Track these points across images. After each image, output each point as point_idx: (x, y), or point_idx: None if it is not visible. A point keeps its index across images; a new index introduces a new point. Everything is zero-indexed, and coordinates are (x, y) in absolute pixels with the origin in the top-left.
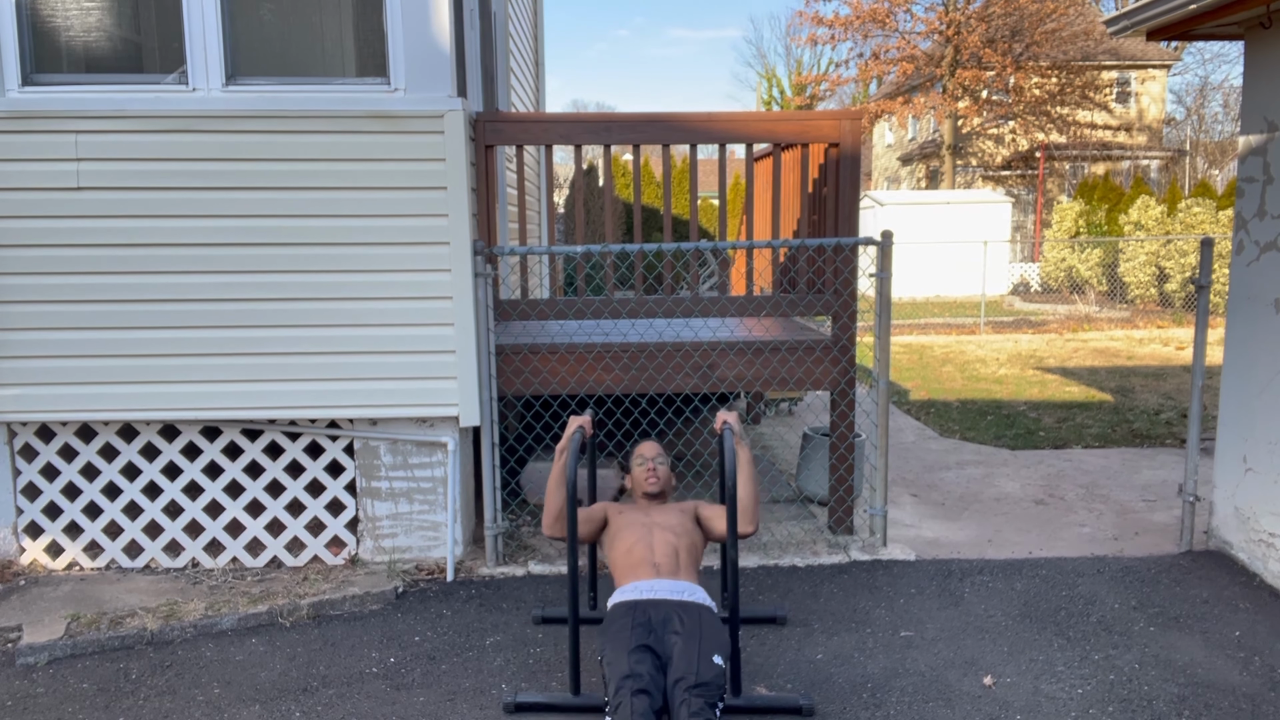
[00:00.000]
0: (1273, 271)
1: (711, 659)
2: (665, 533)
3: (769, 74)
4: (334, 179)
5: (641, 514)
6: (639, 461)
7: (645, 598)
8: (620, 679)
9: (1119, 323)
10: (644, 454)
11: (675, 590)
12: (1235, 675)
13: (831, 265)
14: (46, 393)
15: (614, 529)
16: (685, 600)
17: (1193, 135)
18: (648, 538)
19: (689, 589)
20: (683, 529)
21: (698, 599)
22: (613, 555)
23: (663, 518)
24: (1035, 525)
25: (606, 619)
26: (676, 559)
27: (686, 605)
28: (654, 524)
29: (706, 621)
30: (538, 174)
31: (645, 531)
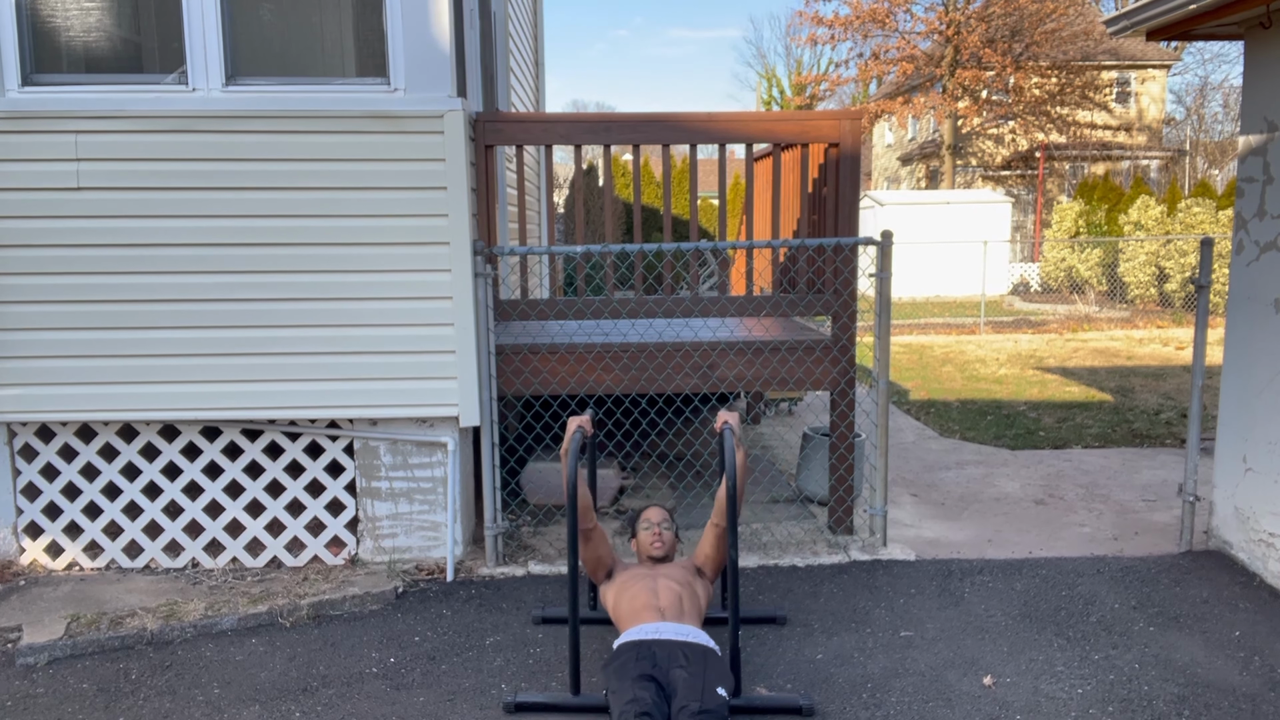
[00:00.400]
0: (1273, 271)
1: (715, 690)
2: (669, 582)
3: (769, 74)
4: (334, 179)
5: (647, 569)
6: (645, 526)
7: (651, 638)
8: (624, 704)
9: (1119, 323)
10: (650, 519)
11: (680, 632)
12: (1235, 675)
13: (831, 265)
14: (46, 393)
15: (619, 581)
16: (690, 641)
17: (1193, 135)
18: (652, 585)
19: (693, 632)
20: (685, 580)
21: (702, 640)
22: (617, 606)
23: (667, 571)
24: (1035, 525)
25: (611, 657)
26: (681, 605)
27: (691, 645)
28: (658, 575)
29: (711, 659)
30: (538, 174)
31: (650, 581)
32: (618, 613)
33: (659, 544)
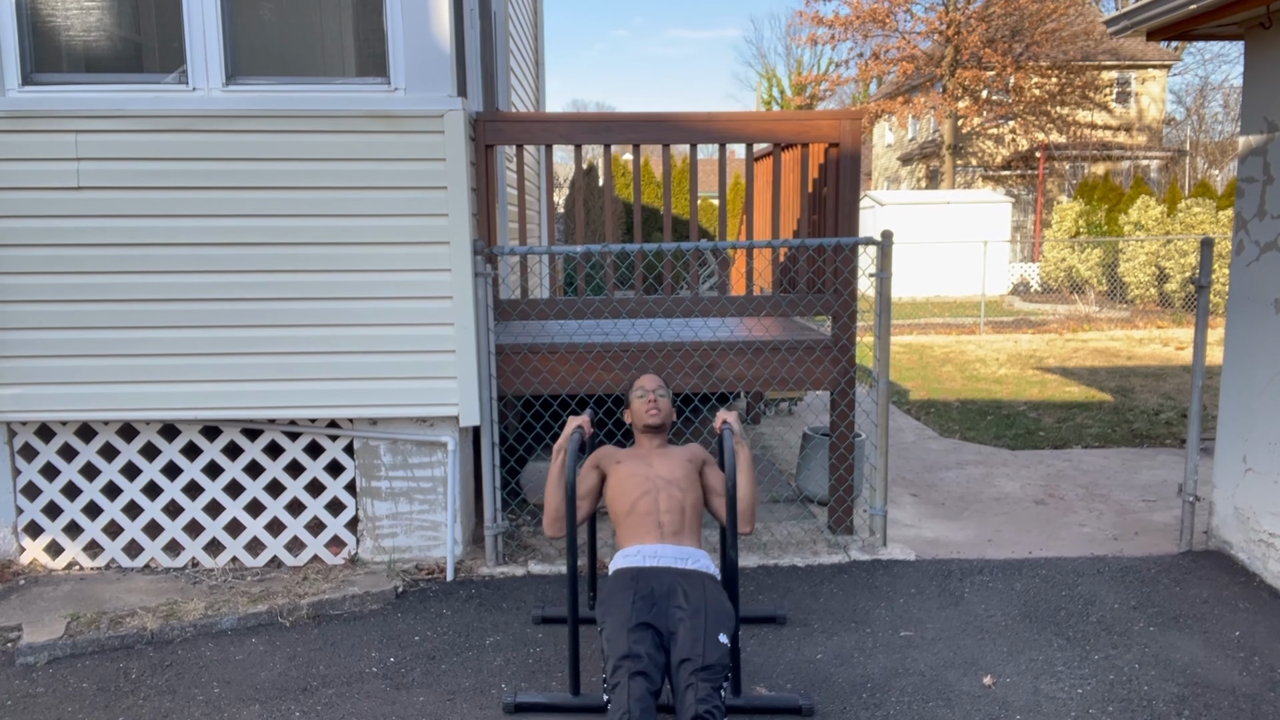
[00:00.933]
0: (1273, 271)
1: (717, 638)
2: (671, 488)
3: (769, 74)
4: (334, 179)
5: (642, 464)
6: (639, 394)
7: (649, 565)
8: (619, 658)
9: (1119, 323)
10: (644, 385)
11: (680, 557)
12: (1235, 675)
13: (831, 265)
14: (46, 392)
15: (615, 482)
16: (690, 569)
17: (1193, 135)
18: (653, 494)
19: (693, 555)
20: (688, 482)
21: (701, 566)
22: (615, 511)
23: (666, 468)
24: (1035, 525)
25: (608, 585)
26: (682, 518)
27: (690, 575)
28: (658, 477)
29: (711, 594)
30: (538, 174)
31: (650, 486)
32: (616, 515)
33: (654, 411)
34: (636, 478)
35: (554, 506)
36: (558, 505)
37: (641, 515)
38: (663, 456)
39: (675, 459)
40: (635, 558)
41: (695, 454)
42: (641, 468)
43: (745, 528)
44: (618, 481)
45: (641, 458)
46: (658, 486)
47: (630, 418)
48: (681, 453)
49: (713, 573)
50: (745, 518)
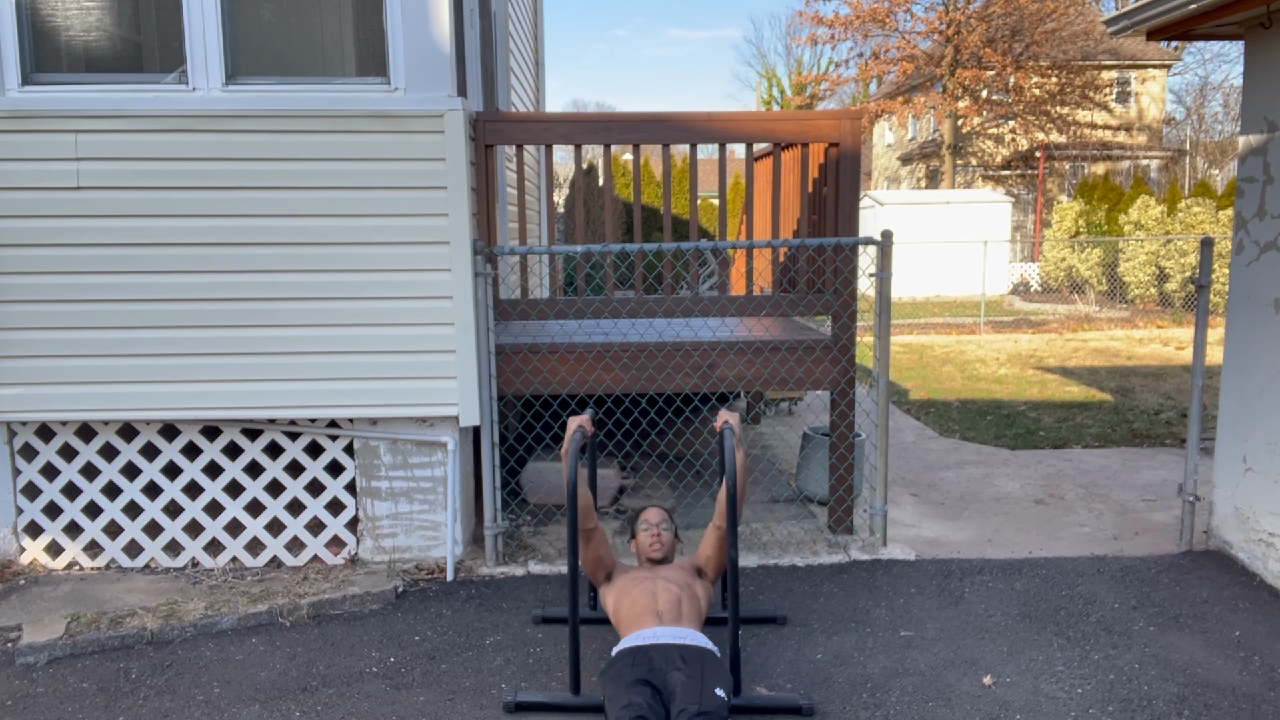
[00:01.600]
0: (1273, 271)
1: (714, 691)
2: (669, 584)
3: (769, 74)
4: (334, 179)
5: (646, 572)
6: (644, 528)
7: (648, 643)
8: (620, 709)
9: (1119, 323)
10: (649, 520)
11: (678, 635)
12: (1235, 675)
13: (831, 265)
14: (46, 392)
15: (619, 585)
16: (688, 644)
17: (1193, 135)
18: (651, 588)
19: (691, 634)
20: (684, 582)
21: (700, 643)
22: (617, 610)
23: (666, 573)
24: (1035, 525)
25: (609, 665)
26: (679, 608)
27: (688, 648)
28: (658, 577)
29: (709, 661)
30: (538, 174)
31: (649, 584)
32: (618, 617)
33: (658, 545)
34: (639, 580)
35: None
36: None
37: (640, 608)
38: (664, 568)
39: (674, 568)
40: (635, 640)
41: (687, 562)
42: (645, 573)
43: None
44: (622, 585)
45: (646, 569)
46: (655, 584)
47: (635, 549)
48: (678, 564)
49: (713, 649)
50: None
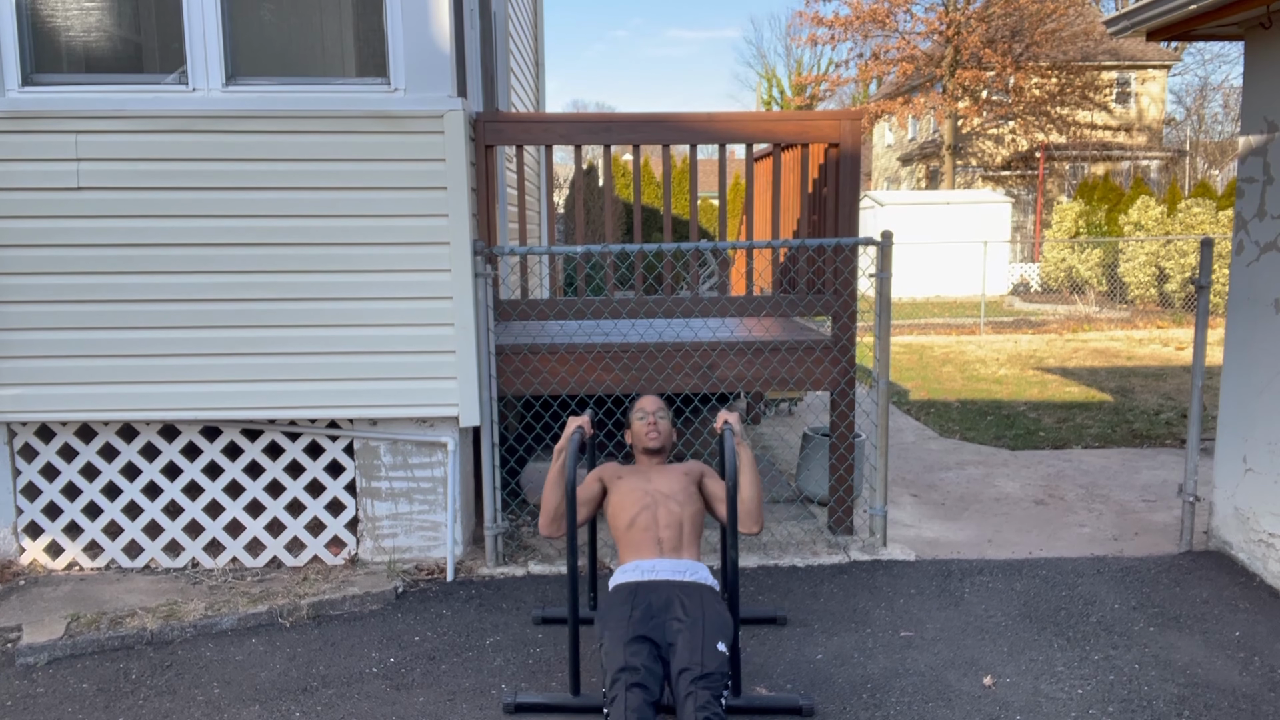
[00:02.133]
0: (1273, 271)
1: (716, 647)
2: (669, 503)
3: (769, 74)
4: (334, 179)
5: (642, 480)
6: (639, 415)
7: (647, 579)
8: (617, 670)
9: (1119, 323)
10: (645, 408)
11: (677, 570)
12: (1235, 675)
13: (831, 265)
14: (46, 393)
15: (615, 498)
16: (687, 581)
17: (1193, 135)
18: (652, 509)
19: (691, 568)
20: (686, 496)
21: (700, 578)
22: (615, 526)
23: (665, 484)
24: (1035, 525)
25: (607, 601)
26: (680, 533)
27: (688, 587)
28: (657, 492)
29: (709, 605)
30: (538, 174)
31: (649, 501)
32: (616, 530)
33: (654, 434)
34: (636, 493)
35: (552, 506)
36: (556, 505)
37: (640, 531)
38: (661, 473)
39: (673, 474)
40: (633, 573)
41: (693, 468)
42: (641, 483)
43: (752, 528)
44: (619, 498)
45: (641, 473)
46: (656, 501)
47: (630, 438)
48: (679, 468)
49: (711, 584)
50: (751, 518)
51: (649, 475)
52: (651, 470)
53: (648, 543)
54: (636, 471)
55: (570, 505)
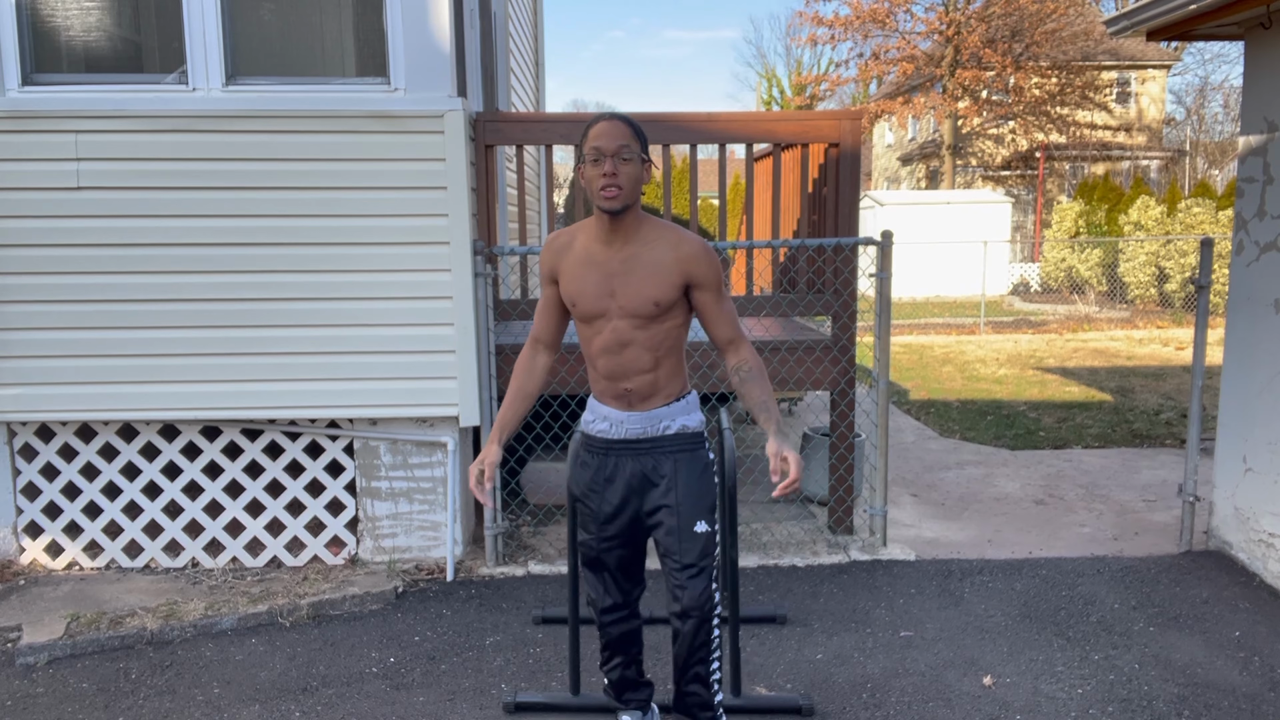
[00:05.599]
0: (1273, 271)
1: (693, 529)
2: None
3: (769, 74)
4: (334, 179)
5: (600, 277)
6: (592, 156)
7: (615, 437)
8: (589, 597)
9: (1119, 323)
10: (598, 143)
11: (650, 423)
12: (1235, 675)
13: (831, 265)
14: (46, 393)
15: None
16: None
17: (1193, 135)
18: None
19: (665, 417)
20: (663, 298)
21: (675, 428)
22: (581, 337)
23: (632, 291)
24: (1035, 525)
25: (574, 448)
26: (654, 377)
27: (661, 448)
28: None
29: (683, 473)
30: (538, 174)
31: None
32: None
33: (613, 189)
34: (595, 298)
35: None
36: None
37: (601, 375)
38: (628, 263)
39: (647, 269)
40: (601, 424)
41: (683, 256)
42: (598, 284)
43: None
44: (577, 303)
45: (598, 265)
46: (620, 336)
47: (583, 180)
48: (658, 257)
49: (690, 428)
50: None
51: (609, 268)
52: (613, 254)
53: (611, 391)
54: (591, 260)
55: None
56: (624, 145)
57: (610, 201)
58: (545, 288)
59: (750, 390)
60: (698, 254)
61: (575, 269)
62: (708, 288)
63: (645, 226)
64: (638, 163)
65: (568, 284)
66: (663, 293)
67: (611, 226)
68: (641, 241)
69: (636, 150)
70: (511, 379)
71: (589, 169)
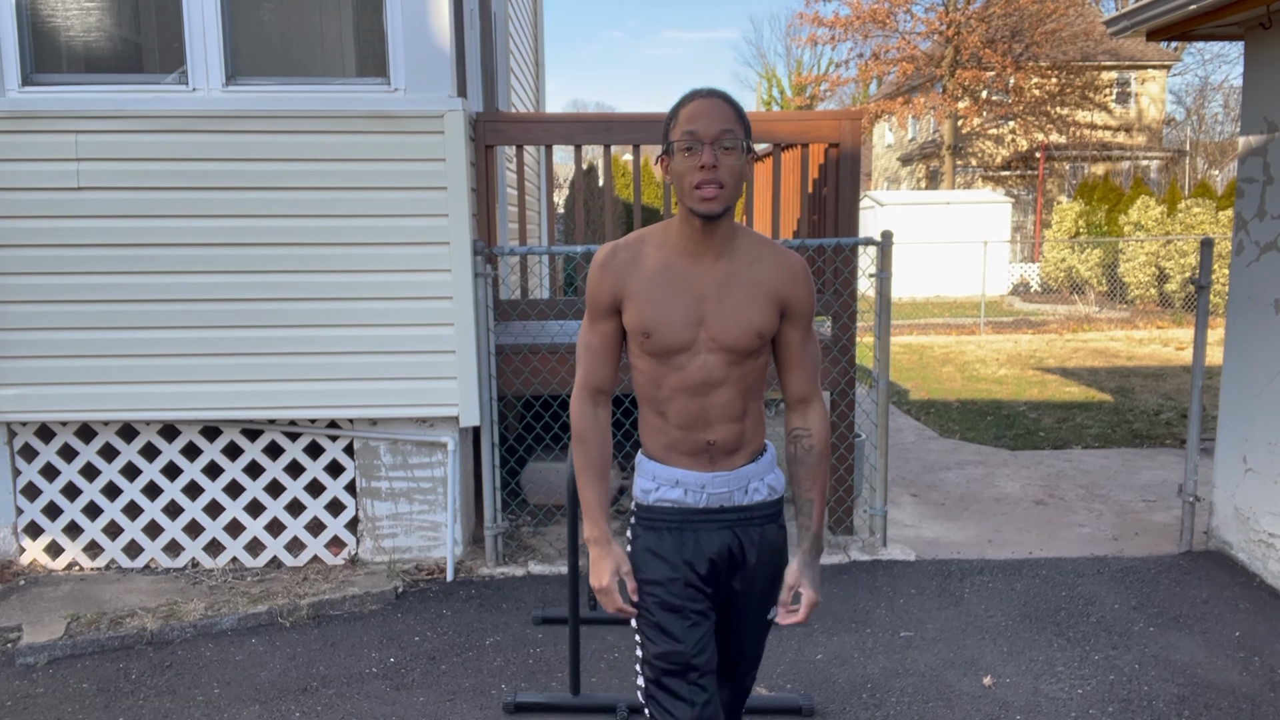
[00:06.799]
0: (1273, 271)
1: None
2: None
3: (769, 74)
4: (334, 179)
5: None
6: (684, 144)
7: (695, 505)
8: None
9: (1119, 323)
10: (694, 127)
11: (738, 483)
12: (1235, 675)
13: (831, 265)
14: (46, 393)
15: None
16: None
17: (1193, 135)
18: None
19: (753, 477)
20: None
21: (764, 492)
22: (646, 376)
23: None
24: (1035, 525)
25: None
26: (742, 422)
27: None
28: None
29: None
30: (538, 174)
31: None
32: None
33: (711, 187)
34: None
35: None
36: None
37: (674, 425)
38: (722, 290)
39: (746, 297)
40: (671, 491)
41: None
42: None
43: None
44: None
45: (687, 285)
46: (709, 375)
47: (668, 176)
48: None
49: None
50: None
51: (699, 288)
52: (704, 271)
53: (690, 444)
54: (673, 276)
55: (571, 507)
56: (726, 130)
57: (709, 203)
58: (600, 322)
59: (803, 478)
60: (797, 274)
61: (651, 290)
62: (798, 320)
63: (741, 236)
64: (741, 154)
65: (640, 309)
66: (767, 321)
67: (704, 235)
68: (739, 255)
69: (740, 137)
70: (576, 449)
71: (678, 160)
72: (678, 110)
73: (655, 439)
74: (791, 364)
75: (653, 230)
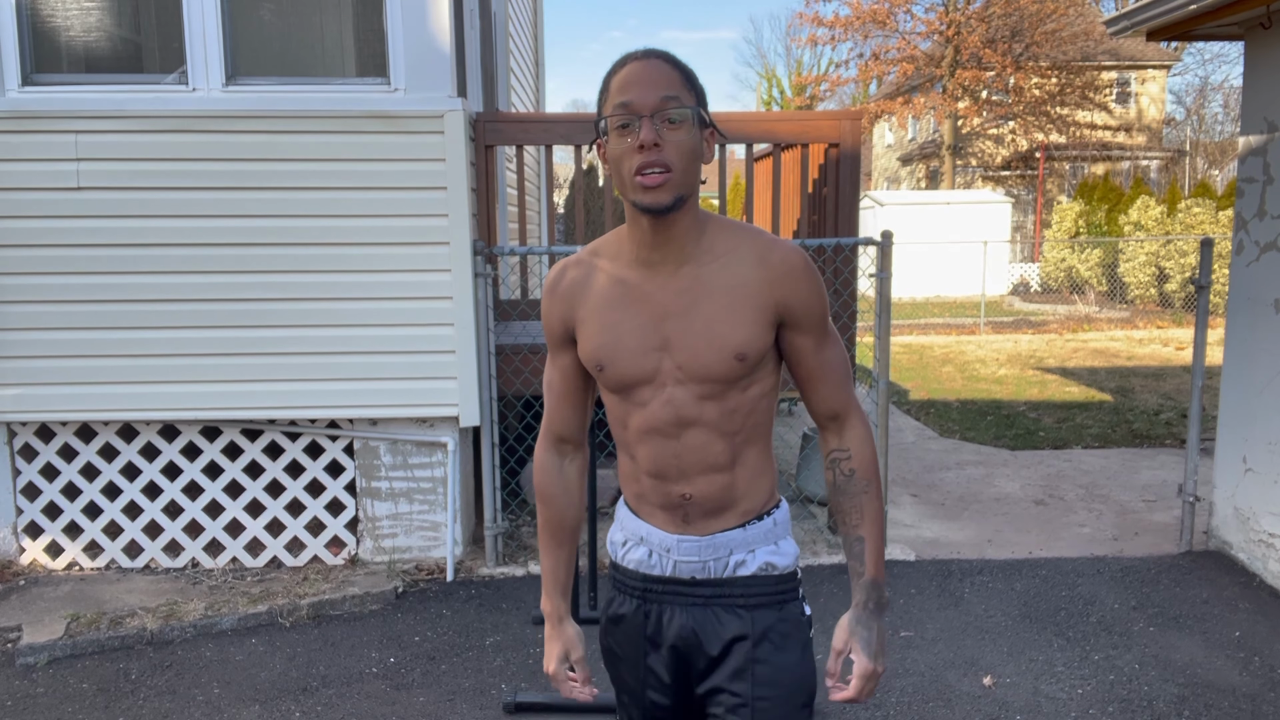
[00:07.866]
0: (1273, 271)
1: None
2: (699, 389)
3: (769, 74)
4: (334, 179)
5: (643, 313)
6: (618, 120)
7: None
8: None
9: (1119, 323)
10: (627, 98)
11: (714, 552)
12: (1235, 675)
13: (831, 265)
14: (46, 393)
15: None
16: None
17: (1193, 135)
18: (671, 417)
19: (739, 546)
20: (750, 346)
21: (755, 565)
22: (612, 415)
23: (701, 329)
24: (1035, 525)
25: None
26: (729, 473)
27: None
28: (680, 371)
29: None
30: (538, 174)
31: (662, 402)
32: (615, 432)
33: (655, 173)
34: (630, 356)
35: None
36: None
37: (644, 471)
38: (688, 303)
39: (718, 309)
40: (636, 550)
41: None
42: (641, 331)
43: None
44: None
45: (641, 302)
46: (678, 412)
47: (607, 166)
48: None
49: (779, 567)
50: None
51: (658, 304)
52: (663, 281)
53: (656, 499)
54: (625, 293)
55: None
56: (669, 98)
57: (653, 193)
58: (557, 354)
59: (849, 510)
60: (796, 269)
61: (603, 313)
62: (805, 325)
63: (712, 231)
64: (693, 126)
65: (590, 338)
66: (751, 336)
67: (658, 236)
68: (708, 256)
69: (690, 105)
70: (539, 508)
71: (613, 141)
72: (609, 79)
73: (628, 485)
74: (810, 378)
75: (606, 240)
